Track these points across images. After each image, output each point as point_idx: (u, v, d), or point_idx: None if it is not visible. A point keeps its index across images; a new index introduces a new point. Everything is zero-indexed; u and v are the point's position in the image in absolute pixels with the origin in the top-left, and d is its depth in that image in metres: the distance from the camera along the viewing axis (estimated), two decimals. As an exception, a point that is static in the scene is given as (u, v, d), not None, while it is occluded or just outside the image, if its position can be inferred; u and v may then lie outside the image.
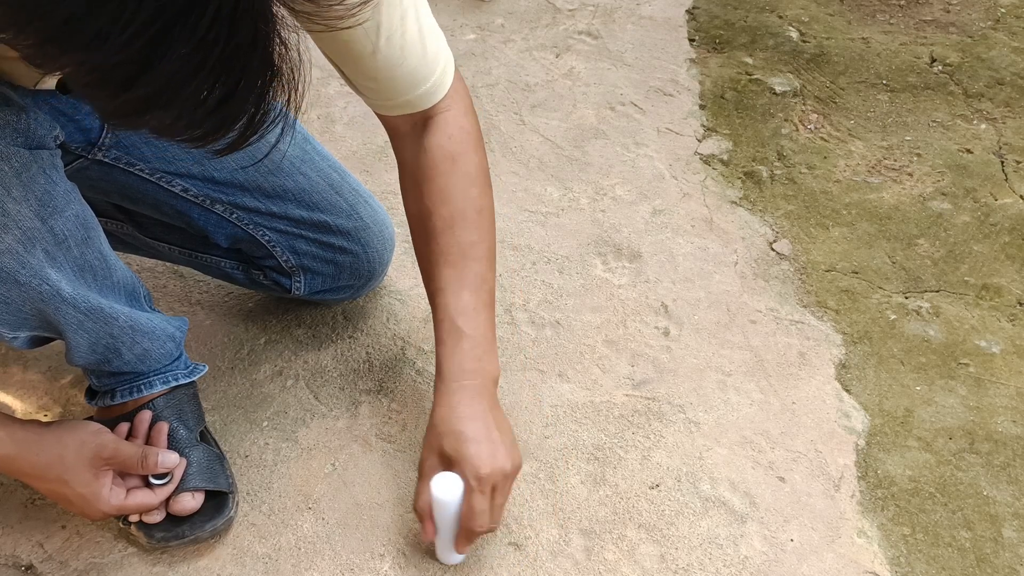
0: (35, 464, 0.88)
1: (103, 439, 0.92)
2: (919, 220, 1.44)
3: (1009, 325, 1.27)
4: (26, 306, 0.84)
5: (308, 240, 1.11)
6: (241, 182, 1.07)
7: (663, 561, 1.00)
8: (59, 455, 0.89)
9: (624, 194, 1.48)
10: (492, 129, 1.62)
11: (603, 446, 1.12)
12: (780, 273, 1.35)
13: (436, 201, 0.96)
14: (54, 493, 0.91)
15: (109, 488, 0.93)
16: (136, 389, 1.00)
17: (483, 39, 1.87)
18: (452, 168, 0.95)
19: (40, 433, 0.89)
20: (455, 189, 0.96)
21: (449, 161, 0.95)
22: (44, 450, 0.88)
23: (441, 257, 0.96)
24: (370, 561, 1.00)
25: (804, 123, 1.65)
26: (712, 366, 1.21)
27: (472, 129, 0.97)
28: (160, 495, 0.96)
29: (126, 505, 0.94)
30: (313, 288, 1.17)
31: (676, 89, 1.72)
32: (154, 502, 0.96)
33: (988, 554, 1.01)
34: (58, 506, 1.04)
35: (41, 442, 0.88)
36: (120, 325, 0.94)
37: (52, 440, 0.89)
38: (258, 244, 1.11)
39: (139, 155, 1.02)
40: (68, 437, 0.90)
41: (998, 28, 1.89)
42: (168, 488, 0.97)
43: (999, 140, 1.60)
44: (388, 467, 1.09)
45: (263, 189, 1.08)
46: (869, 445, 1.12)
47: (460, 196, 0.96)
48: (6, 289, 0.82)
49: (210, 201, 1.07)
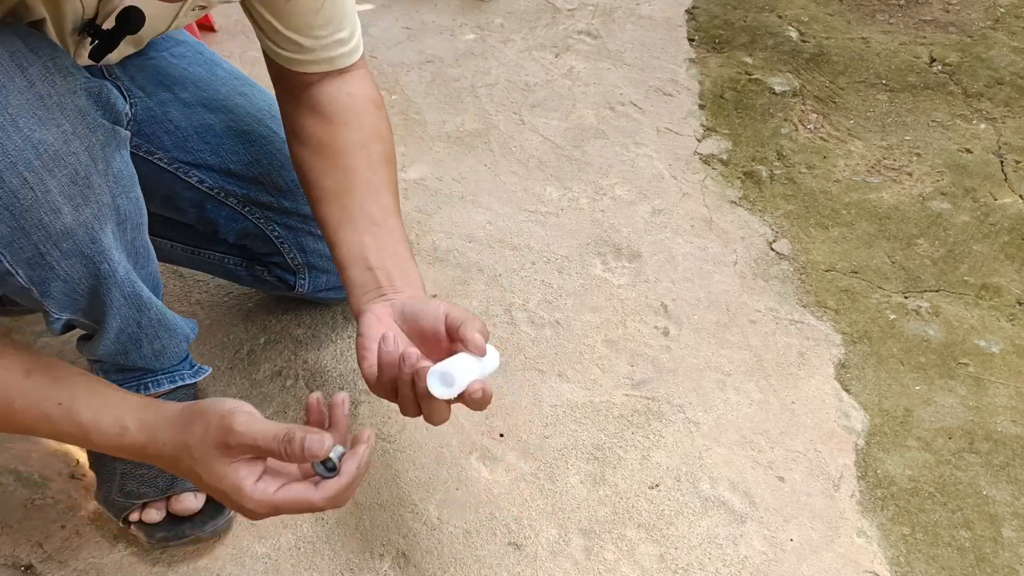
0: (167, 457, 0.77)
1: (230, 421, 0.74)
2: (919, 220, 1.44)
3: (1008, 325, 1.27)
4: (82, 284, 0.84)
5: (316, 237, 1.13)
6: (256, 176, 1.10)
7: (663, 561, 1.00)
8: (185, 443, 0.76)
9: (624, 194, 1.48)
10: (492, 129, 1.62)
11: (603, 446, 1.12)
12: (780, 273, 1.35)
13: (371, 136, 1.00)
14: (203, 488, 0.78)
15: (254, 481, 0.75)
16: (143, 387, 1.00)
17: (483, 39, 1.87)
18: (378, 111, 1.02)
19: (168, 417, 0.78)
20: (384, 127, 1.02)
21: (374, 105, 1.02)
22: (171, 437, 0.76)
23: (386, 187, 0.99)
24: (370, 561, 1.00)
25: (804, 123, 1.65)
26: (712, 366, 1.21)
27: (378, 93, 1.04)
28: (324, 491, 0.75)
29: (276, 501, 0.75)
30: (317, 287, 1.17)
31: (676, 89, 1.72)
32: (313, 500, 0.75)
33: (988, 554, 1.01)
34: (58, 506, 1.04)
35: (168, 428, 0.77)
36: (150, 317, 0.94)
37: (177, 426, 0.77)
38: (266, 240, 1.13)
39: (159, 144, 1.05)
40: (194, 421, 0.76)
41: (997, 28, 1.89)
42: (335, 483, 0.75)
43: (998, 140, 1.60)
44: (388, 467, 1.09)
45: (276, 184, 1.10)
46: (869, 445, 1.12)
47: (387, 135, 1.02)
48: (70, 264, 0.81)
49: (224, 194, 1.10)
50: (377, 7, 1.98)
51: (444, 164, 1.54)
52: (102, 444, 0.79)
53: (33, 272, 0.79)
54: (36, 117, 0.74)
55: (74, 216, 0.78)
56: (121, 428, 0.78)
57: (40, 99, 0.74)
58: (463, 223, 1.43)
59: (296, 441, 0.73)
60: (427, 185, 1.50)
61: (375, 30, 1.90)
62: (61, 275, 0.81)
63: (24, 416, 0.78)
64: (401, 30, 1.90)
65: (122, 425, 0.78)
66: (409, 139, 1.60)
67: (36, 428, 0.79)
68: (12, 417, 0.78)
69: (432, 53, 1.82)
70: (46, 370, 0.79)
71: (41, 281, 0.80)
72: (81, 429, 0.78)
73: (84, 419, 0.78)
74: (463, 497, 1.06)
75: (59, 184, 0.76)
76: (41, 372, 0.79)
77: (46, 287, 0.81)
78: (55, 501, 1.05)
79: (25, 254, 0.77)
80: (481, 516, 1.04)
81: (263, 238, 1.13)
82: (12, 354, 0.79)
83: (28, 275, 0.79)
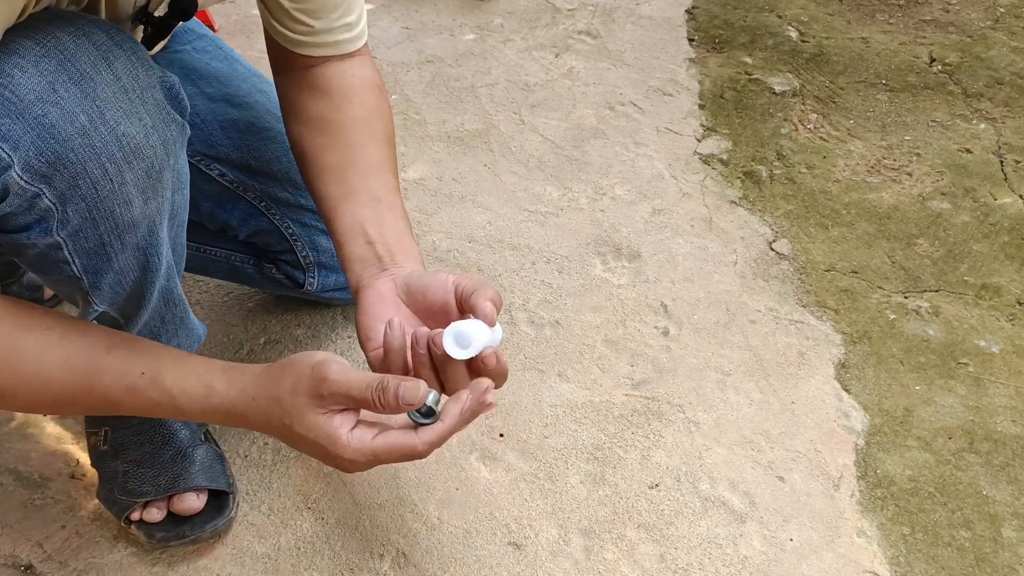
0: (257, 412, 0.76)
1: (323, 370, 0.73)
2: (918, 220, 1.44)
3: (1008, 325, 1.27)
4: (129, 276, 0.84)
5: (329, 236, 1.13)
6: (275, 172, 1.11)
7: (663, 561, 1.00)
8: (275, 396, 0.75)
9: (623, 194, 1.48)
10: (491, 129, 1.62)
11: (602, 446, 1.12)
12: (779, 273, 1.35)
13: (373, 113, 0.99)
14: (290, 443, 0.77)
15: (349, 430, 0.73)
16: None
17: (482, 39, 1.87)
18: (381, 93, 1.02)
19: (255, 375, 0.77)
20: (386, 107, 1.02)
21: (377, 88, 1.02)
22: (260, 391, 0.76)
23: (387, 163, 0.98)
24: (369, 561, 1.00)
25: (803, 123, 1.65)
26: (711, 366, 1.21)
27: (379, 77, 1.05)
28: (426, 436, 0.73)
29: (376, 448, 0.73)
30: (325, 286, 1.18)
31: (675, 89, 1.72)
32: (416, 445, 0.73)
33: (987, 554, 1.01)
34: (58, 506, 1.04)
35: (256, 383, 0.76)
36: (175, 314, 0.94)
37: (266, 380, 0.76)
38: (280, 237, 1.14)
39: None
40: (284, 374, 0.75)
41: (997, 28, 1.89)
42: (438, 428, 0.74)
43: (998, 140, 1.60)
44: (387, 467, 1.09)
45: (293, 181, 1.11)
46: (868, 445, 1.12)
47: (388, 115, 1.02)
48: (126, 257, 0.81)
49: (243, 188, 1.11)
50: (377, 7, 1.98)
51: (444, 164, 1.54)
52: (190, 408, 0.78)
53: (89, 262, 0.79)
54: (121, 110, 0.74)
55: (142, 209, 0.79)
56: (207, 389, 0.77)
57: (125, 92, 0.75)
58: (463, 223, 1.43)
59: (391, 390, 0.71)
60: (427, 185, 1.50)
61: (375, 30, 1.90)
62: (116, 267, 0.81)
63: (111, 390, 0.77)
64: (401, 30, 1.90)
65: (208, 386, 0.77)
66: (409, 139, 1.60)
67: (123, 401, 0.78)
68: (101, 392, 0.78)
69: (432, 53, 1.82)
70: (127, 344, 0.79)
71: (95, 271, 0.80)
72: (168, 395, 0.78)
73: (169, 384, 0.77)
74: (463, 497, 1.06)
75: (135, 176, 0.77)
76: (122, 346, 0.78)
77: (98, 278, 0.81)
78: (55, 501, 1.05)
79: (88, 244, 0.78)
80: (481, 516, 1.04)
81: (276, 235, 1.14)
82: (93, 332, 0.79)
83: (83, 265, 0.79)
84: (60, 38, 0.72)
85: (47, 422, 1.13)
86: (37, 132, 0.70)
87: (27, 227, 0.74)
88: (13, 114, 0.69)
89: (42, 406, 0.83)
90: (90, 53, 0.73)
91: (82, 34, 0.73)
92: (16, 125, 0.69)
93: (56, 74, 0.71)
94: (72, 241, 0.76)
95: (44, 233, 0.75)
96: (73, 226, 0.75)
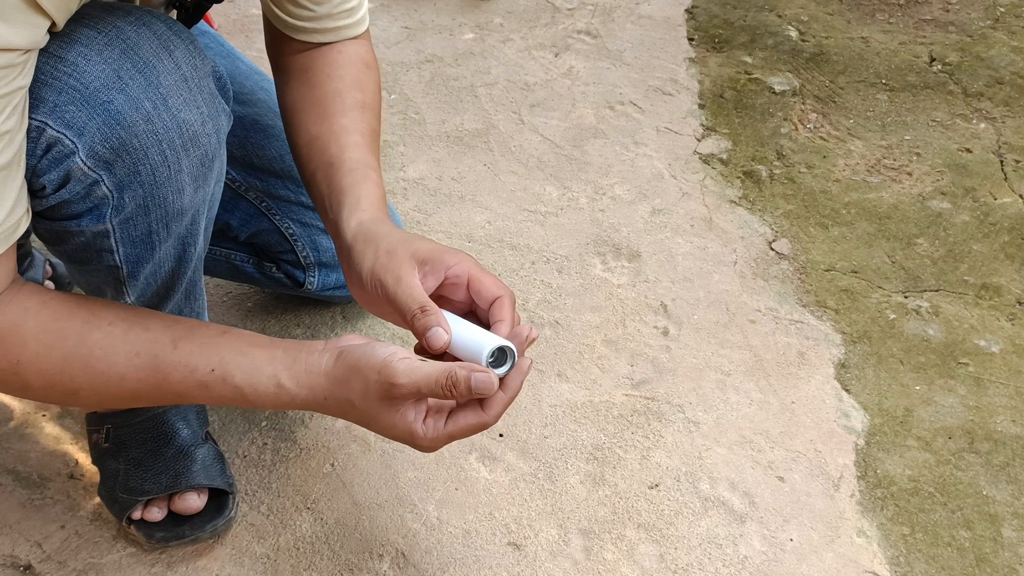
0: (331, 409, 0.78)
1: (391, 373, 0.74)
2: (918, 219, 1.44)
3: (1008, 324, 1.27)
4: (165, 266, 0.84)
5: (329, 235, 1.13)
6: (277, 170, 1.12)
7: (662, 561, 1.00)
8: (347, 399, 0.77)
9: (623, 193, 1.48)
10: (491, 128, 1.62)
11: (602, 446, 1.12)
12: (779, 273, 1.35)
13: (350, 85, 0.98)
14: (376, 431, 0.79)
15: (422, 422, 0.76)
16: None
17: (482, 38, 1.86)
18: (367, 69, 1.01)
19: (322, 374, 0.77)
20: (369, 81, 1.00)
21: (363, 63, 1.01)
22: (331, 393, 0.77)
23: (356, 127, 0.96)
24: (369, 561, 1.00)
25: (803, 122, 1.64)
26: (711, 366, 1.21)
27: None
28: (494, 409, 0.76)
29: (450, 432, 0.77)
30: (326, 284, 1.18)
31: (675, 88, 1.72)
32: (486, 420, 0.76)
33: (987, 553, 1.01)
34: (57, 506, 1.04)
35: (326, 385, 0.77)
36: (192, 307, 0.95)
37: (335, 383, 0.77)
38: (280, 237, 1.14)
39: None
40: (351, 378, 0.76)
41: (997, 27, 1.89)
42: (502, 400, 0.76)
43: (998, 139, 1.60)
44: (387, 467, 1.09)
45: (294, 178, 1.12)
46: (868, 445, 1.12)
47: (371, 87, 1.00)
48: (168, 246, 0.82)
49: (244, 187, 1.12)
50: (376, 6, 1.97)
51: (443, 164, 1.54)
52: (262, 404, 0.79)
53: (133, 251, 0.80)
54: (182, 98, 0.76)
55: (192, 198, 0.80)
56: (278, 387, 0.78)
57: (184, 81, 0.76)
58: (462, 223, 1.43)
59: (461, 383, 0.73)
60: (426, 185, 1.50)
61: (374, 29, 1.90)
62: (156, 257, 0.82)
63: (180, 387, 0.78)
64: (400, 29, 1.90)
65: (278, 384, 0.78)
66: (408, 139, 1.60)
67: (193, 395, 0.79)
68: (169, 388, 0.78)
69: (431, 52, 1.82)
70: (190, 336, 0.78)
71: (136, 260, 0.81)
72: (238, 392, 0.78)
73: (240, 381, 0.78)
74: (462, 497, 1.06)
75: (191, 164, 0.78)
76: (187, 339, 0.78)
77: (137, 267, 0.82)
78: (54, 501, 1.05)
79: (136, 232, 0.79)
80: (480, 516, 1.04)
81: (277, 235, 1.14)
82: (154, 324, 0.78)
83: (126, 253, 0.80)
84: (122, 27, 0.73)
85: (46, 422, 1.13)
86: (103, 118, 0.71)
87: (79, 215, 0.75)
88: (79, 101, 0.70)
89: (112, 400, 0.83)
90: (151, 42, 0.74)
91: (142, 24, 0.75)
92: (82, 112, 0.70)
93: (120, 62, 0.72)
94: (122, 228, 0.77)
95: (97, 220, 0.76)
96: (126, 213, 0.76)
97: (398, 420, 0.76)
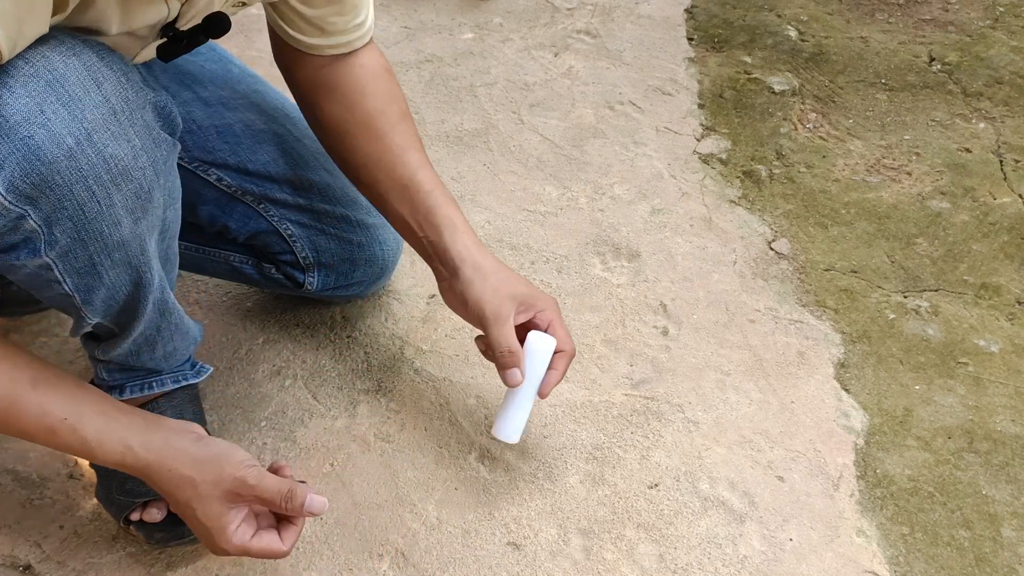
0: (168, 480, 0.84)
1: (244, 474, 0.84)
2: (918, 219, 1.44)
3: (1008, 324, 1.27)
4: (122, 291, 0.84)
5: (329, 236, 1.15)
6: (272, 174, 1.12)
7: (662, 561, 1.00)
8: (192, 480, 0.83)
9: (623, 193, 1.48)
10: (491, 128, 1.62)
11: (602, 446, 1.12)
12: (779, 272, 1.35)
13: (387, 100, 1.06)
14: (182, 513, 0.87)
15: (236, 526, 0.85)
16: (148, 386, 1.00)
17: (481, 38, 1.86)
18: (390, 76, 1.08)
19: (179, 450, 0.84)
20: (397, 90, 1.08)
21: (386, 72, 1.08)
22: (179, 468, 0.83)
23: (410, 143, 1.05)
24: (368, 561, 1.00)
25: (803, 122, 1.65)
26: (711, 365, 1.21)
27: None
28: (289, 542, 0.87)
29: (249, 547, 0.86)
30: (326, 285, 1.18)
31: (675, 88, 1.72)
32: (281, 550, 0.87)
33: (987, 553, 1.01)
34: (57, 506, 1.04)
35: (179, 459, 0.83)
36: (170, 321, 0.95)
37: (190, 461, 0.84)
38: (279, 239, 1.14)
39: (182, 145, 1.07)
40: (209, 464, 0.84)
41: (997, 27, 1.89)
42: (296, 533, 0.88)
43: (998, 139, 1.60)
44: (386, 467, 1.09)
45: (291, 182, 1.13)
46: (868, 444, 1.12)
47: (401, 96, 1.08)
48: (117, 273, 0.82)
49: (241, 191, 1.12)
50: (376, 6, 1.97)
51: (443, 164, 1.54)
52: (104, 460, 0.84)
53: (81, 281, 0.80)
54: (110, 132, 0.75)
55: (132, 229, 0.80)
56: (125, 448, 0.82)
57: (114, 114, 0.75)
58: (462, 222, 1.43)
59: (297, 499, 0.85)
60: (426, 184, 1.50)
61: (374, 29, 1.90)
62: (107, 284, 0.82)
63: (28, 426, 0.80)
64: (400, 29, 1.90)
65: (126, 446, 0.82)
66: (408, 138, 1.59)
67: (38, 438, 0.81)
68: (17, 425, 0.80)
69: (431, 52, 1.82)
70: (52, 382, 0.80)
71: (86, 289, 0.82)
72: (85, 446, 0.82)
73: (88, 436, 0.81)
74: (462, 497, 1.06)
75: (124, 198, 0.77)
76: (47, 384, 0.80)
77: (90, 295, 0.82)
78: (53, 501, 1.05)
79: (78, 264, 0.79)
80: (480, 516, 1.04)
81: (275, 236, 1.14)
82: (19, 362, 0.80)
83: (75, 283, 0.80)
84: (51, 58, 0.72)
85: (45, 422, 1.13)
86: (23, 153, 0.70)
87: (14, 247, 0.75)
88: None
89: None
90: (79, 74, 0.73)
91: (72, 55, 0.73)
92: (2, 146, 0.69)
93: (44, 95, 0.71)
94: (62, 261, 0.77)
95: (32, 254, 0.76)
96: (62, 247, 0.76)
97: (223, 513, 0.84)
